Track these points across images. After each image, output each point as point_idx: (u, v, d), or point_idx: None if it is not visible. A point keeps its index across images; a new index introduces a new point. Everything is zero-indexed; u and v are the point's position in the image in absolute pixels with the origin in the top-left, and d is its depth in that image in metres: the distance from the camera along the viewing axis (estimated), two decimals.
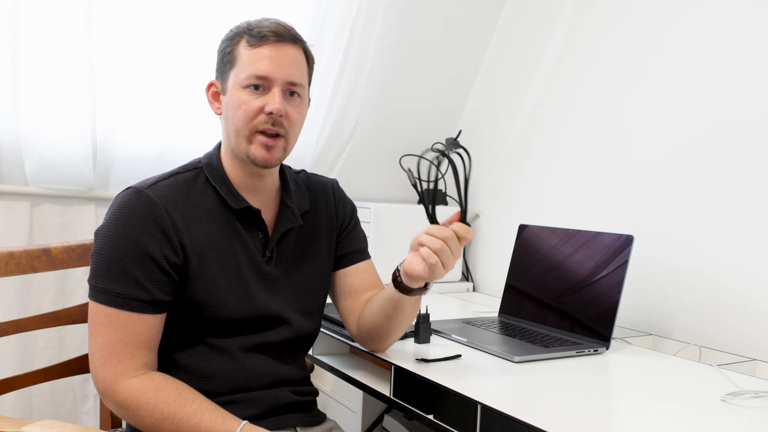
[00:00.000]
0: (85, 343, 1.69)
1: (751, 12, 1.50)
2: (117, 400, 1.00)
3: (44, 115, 1.60)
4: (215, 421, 0.98)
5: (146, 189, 1.06)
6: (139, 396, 0.99)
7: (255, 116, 1.08)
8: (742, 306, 1.47)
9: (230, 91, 1.10)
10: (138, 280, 1.01)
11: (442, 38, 2.20)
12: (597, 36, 1.89)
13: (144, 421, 0.99)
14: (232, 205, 1.11)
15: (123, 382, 1.00)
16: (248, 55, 1.08)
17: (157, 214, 1.03)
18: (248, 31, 1.10)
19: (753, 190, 1.47)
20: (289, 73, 1.09)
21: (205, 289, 1.07)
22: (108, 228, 1.03)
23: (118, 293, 1.01)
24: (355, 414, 1.86)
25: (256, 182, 1.15)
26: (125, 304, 1.01)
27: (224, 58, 1.13)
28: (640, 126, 1.73)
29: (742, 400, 1.09)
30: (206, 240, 1.08)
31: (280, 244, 1.17)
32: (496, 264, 2.12)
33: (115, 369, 1.00)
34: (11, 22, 1.53)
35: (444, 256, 1.07)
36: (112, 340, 1.01)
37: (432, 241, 1.08)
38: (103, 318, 1.01)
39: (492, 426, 1.00)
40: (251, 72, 1.07)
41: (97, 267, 1.03)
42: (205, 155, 1.17)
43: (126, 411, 1.00)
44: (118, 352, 1.00)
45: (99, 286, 1.02)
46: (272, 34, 1.08)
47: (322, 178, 1.31)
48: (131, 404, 0.99)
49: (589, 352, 1.37)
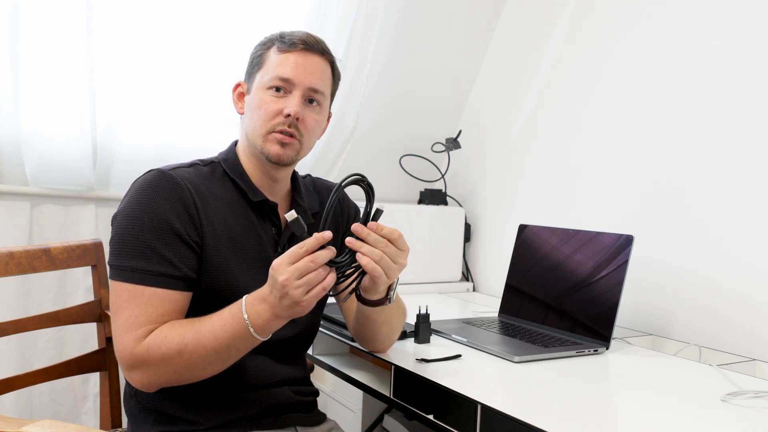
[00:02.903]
0: (85, 342, 1.69)
1: (749, 17, 1.50)
2: (140, 358, 0.99)
3: (44, 115, 1.60)
4: (223, 316, 0.99)
5: (170, 170, 1.07)
6: (155, 338, 0.99)
7: (274, 117, 1.11)
8: (742, 306, 1.47)
9: (254, 91, 1.14)
10: (165, 257, 1.01)
11: (442, 38, 2.20)
12: (597, 36, 1.89)
13: (169, 354, 0.98)
14: (251, 197, 1.14)
15: (140, 343, 0.99)
16: (276, 59, 1.13)
17: (181, 194, 1.04)
18: (280, 38, 1.14)
19: (753, 191, 1.47)
20: (311, 80, 1.13)
21: (220, 273, 1.07)
22: (131, 207, 1.03)
23: (145, 270, 1.00)
24: (355, 414, 1.86)
25: (272, 182, 1.18)
26: (153, 281, 1.00)
27: (254, 61, 1.17)
28: (640, 126, 1.73)
29: (742, 400, 1.09)
30: (224, 228, 1.09)
31: (291, 242, 1.18)
32: (496, 264, 2.12)
33: (134, 335, 0.99)
34: (11, 22, 1.53)
35: (384, 264, 1.02)
36: (135, 312, 1.00)
37: (369, 253, 1.02)
38: (127, 295, 1.00)
39: (492, 426, 1.00)
40: (275, 74, 1.11)
41: (120, 246, 1.02)
42: (221, 153, 1.20)
43: (151, 361, 0.99)
44: (140, 320, 1.00)
45: (124, 265, 1.01)
46: (301, 42, 1.13)
47: (326, 182, 1.35)
48: (153, 349, 0.98)
49: (589, 352, 1.37)
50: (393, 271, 1.03)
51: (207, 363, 1.00)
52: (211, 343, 0.98)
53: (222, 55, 1.82)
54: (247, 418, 1.11)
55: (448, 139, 2.21)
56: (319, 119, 1.17)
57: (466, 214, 2.23)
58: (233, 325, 0.98)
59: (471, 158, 2.29)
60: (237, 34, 1.82)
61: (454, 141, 2.19)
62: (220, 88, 1.74)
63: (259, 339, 0.99)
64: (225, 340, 0.98)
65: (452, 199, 2.26)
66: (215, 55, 1.81)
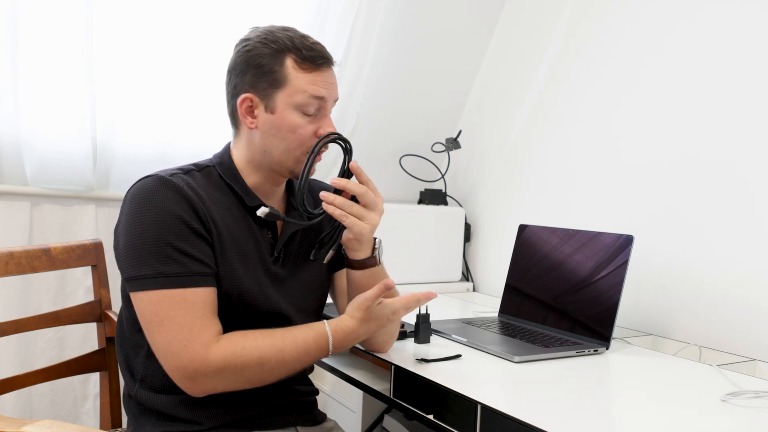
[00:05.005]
0: (85, 342, 1.69)
1: (749, 17, 1.50)
2: (215, 366, 0.99)
3: (44, 115, 1.60)
4: (305, 330, 1.07)
5: (169, 176, 1.05)
6: (232, 347, 1.00)
7: (309, 139, 1.11)
8: (742, 306, 1.47)
9: (280, 112, 1.09)
10: (192, 255, 1.01)
11: (442, 38, 2.20)
12: (597, 36, 1.89)
13: (250, 364, 1.00)
14: (247, 202, 1.13)
15: (212, 349, 0.99)
16: (303, 78, 1.09)
17: (186, 195, 1.04)
18: (295, 50, 1.09)
19: (753, 190, 1.47)
20: (335, 94, 1.15)
21: (226, 275, 1.07)
22: (141, 214, 1.01)
23: (178, 273, 0.99)
24: (355, 414, 1.86)
25: (272, 189, 1.18)
26: (188, 282, 1.00)
27: (265, 75, 1.09)
28: (640, 126, 1.73)
29: (742, 400, 1.09)
30: (227, 232, 1.09)
31: (288, 246, 1.18)
32: (496, 264, 2.12)
33: (201, 342, 0.99)
34: (11, 22, 1.53)
35: (354, 211, 1.12)
36: (188, 319, 0.99)
37: (338, 204, 1.12)
38: (169, 303, 0.99)
39: (492, 426, 1.00)
40: (310, 94, 1.09)
41: (138, 256, 1.00)
42: (215, 155, 1.18)
43: (228, 369, 1.00)
44: (197, 327, 0.99)
45: (151, 274, 0.99)
46: (322, 59, 1.11)
47: (321, 183, 1.34)
48: (232, 358, 1.00)
49: (589, 352, 1.37)
50: (369, 217, 1.13)
51: (279, 375, 1.06)
52: (292, 361, 1.05)
53: (222, 55, 1.80)
54: (248, 418, 1.10)
55: (448, 139, 2.21)
56: None
57: (466, 214, 2.23)
58: (317, 353, 1.07)
59: (471, 158, 2.29)
60: (237, 35, 1.81)
61: (454, 141, 2.19)
62: (220, 89, 1.72)
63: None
64: (305, 360, 1.07)
65: (452, 199, 2.26)
66: (215, 55, 1.81)
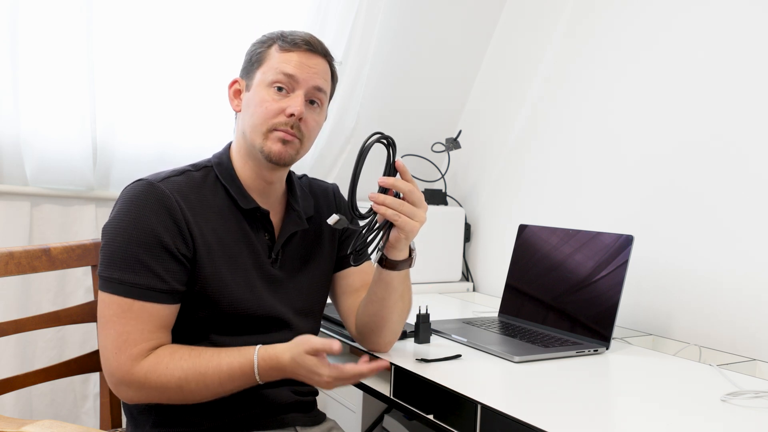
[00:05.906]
0: (85, 342, 1.69)
1: (748, 14, 1.50)
2: (136, 380, 1.00)
3: (44, 115, 1.60)
4: (232, 354, 1.03)
5: (158, 182, 1.06)
6: (156, 365, 1.00)
7: (275, 115, 1.10)
8: (742, 306, 1.46)
9: (254, 88, 1.13)
10: (153, 270, 1.01)
11: (442, 38, 2.20)
12: (597, 36, 1.88)
13: (169, 385, 1.00)
14: (242, 205, 1.12)
15: (138, 363, 1.00)
16: (279, 56, 1.12)
17: (169, 206, 1.04)
18: (282, 37, 1.13)
19: (753, 190, 1.47)
20: (315, 79, 1.12)
21: (214, 284, 1.07)
22: (120, 219, 1.03)
23: (133, 283, 1.00)
24: (355, 414, 1.86)
25: (266, 185, 1.16)
26: (141, 294, 1.01)
27: (252, 58, 1.15)
28: (640, 126, 1.73)
29: (742, 400, 1.09)
30: (215, 237, 1.08)
31: (286, 247, 1.17)
32: (496, 264, 2.12)
33: (130, 353, 1.00)
34: (11, 22, 1.53)
35: (405, 210, 1.09)
36: (126, 329, 1.00)
37: (390, 204, 1.09)
38: (116, 309, 1.01)
39: (492, 426, 1.00)
40: (279, 70, 1.10)
41: (109, 258, 1.02)
42: (215, 155, 1.18)
43: (148, 386, 1.00)
44: (133, 338, 1.00)
45: (112, 277, 1.01)
46: (304, 43, 1.12)
47: (322, 183, 1.33)
48: (151, 376, 0.99)
49: (589, 352, 1.37)
50: (418, 215, 1.10)
51: (203, 398, 1.04)
52: (214, 386, 1.02)
53: (222, 55, 1.81)
54: (247, 418, 1.11)
55: (448, 139, 2.20)
56: (320, 120, 1.17)
57: (466, 214, 2.23)
58: (242, 379, 1.03)
59: (471, 158, 2.29)
60: (237, 34, 1.82)
61: (454, 141, 2.19)
62: (220, 89, 1.72)
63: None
64: (229, 387, 1.03)
65: (452, 199, 2.26)
66: (215, 55, 1.81)
